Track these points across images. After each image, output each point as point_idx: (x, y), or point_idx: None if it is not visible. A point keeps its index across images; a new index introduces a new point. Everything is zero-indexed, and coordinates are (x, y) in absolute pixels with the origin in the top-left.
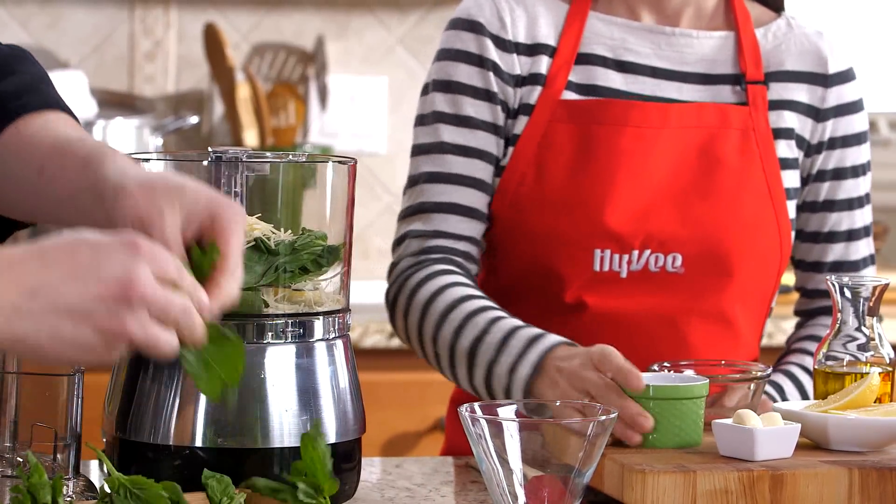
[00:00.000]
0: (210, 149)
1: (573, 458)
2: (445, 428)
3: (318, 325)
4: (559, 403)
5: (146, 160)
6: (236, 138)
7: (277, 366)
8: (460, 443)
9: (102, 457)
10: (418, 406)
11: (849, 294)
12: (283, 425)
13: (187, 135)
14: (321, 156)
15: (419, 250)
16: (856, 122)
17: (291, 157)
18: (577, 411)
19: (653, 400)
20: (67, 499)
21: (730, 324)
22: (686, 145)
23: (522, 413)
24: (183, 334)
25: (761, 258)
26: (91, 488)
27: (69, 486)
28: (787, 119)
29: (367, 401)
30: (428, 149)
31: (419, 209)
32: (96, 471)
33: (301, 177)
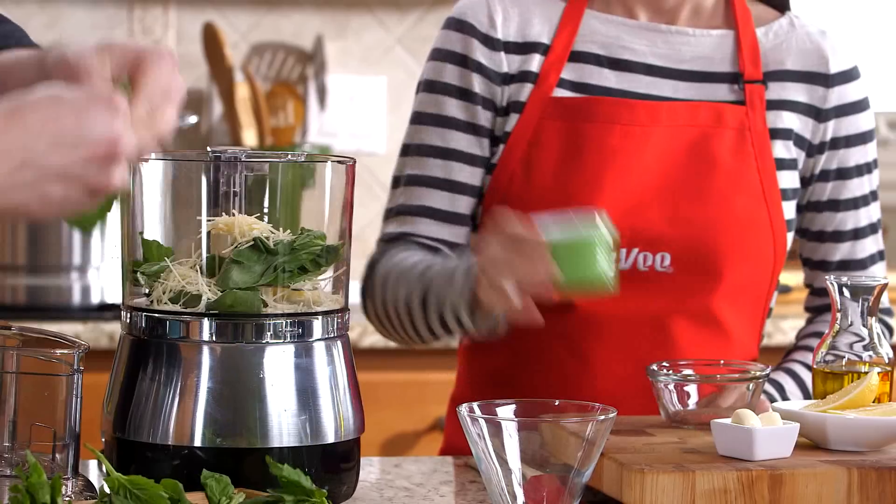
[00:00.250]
0: (209, 148)
1: (572, 457)
2: (445, 427)
3: (317, 324)
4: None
5: (145, 160)
6: (235, 138)
7: (276, 365)
8: (459, 442)
9: (101, 457)
10: (417, 406)
11: (847, 294)
12: (282, 425)
13: (186, 134)
14: (320, 155)
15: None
16: (860, 122)
17: (290, 156)
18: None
19: (554, 247)
20: (66, 498)
21: (719, 325)
22: (678, 144)
23: (521, 413)
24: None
25: (753, 259)
26: (90, 488)
27: (68, 486)
28: (786, 119)
29: (366, 400)
30: (410, 150)
31: (398, 212)
32: (95, 471)
33: (300, 176)
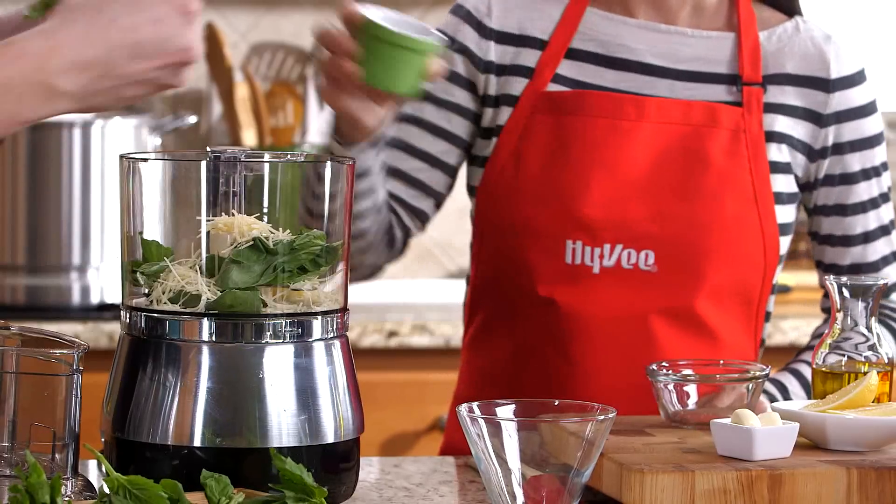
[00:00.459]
0: (208, 148)
1: (571, 457)
2: (445, 427)
3: (317, 324)
4: None
5: (144, 160)
6: (235, 138)
7: (276, 365)
8: (459, 442)
9: (101, 458)
10: (417, 406)
11: (848, 294)
12: (282, 425)
13: (186, 134)
14: (319, 155)
15: None
16: (865, 126)
17: (290, 156)
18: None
19: (369, 38)
20: (66, 498)
21: (704, 326)
22: (668, 141)
23: (521, 413)
24: None
25: (740, 261)
26: (89, 488)
27: (67, 486)
28: (782, 123)
29: (366, 400)
30: (398, 117)
31: None
32: (94, 471)
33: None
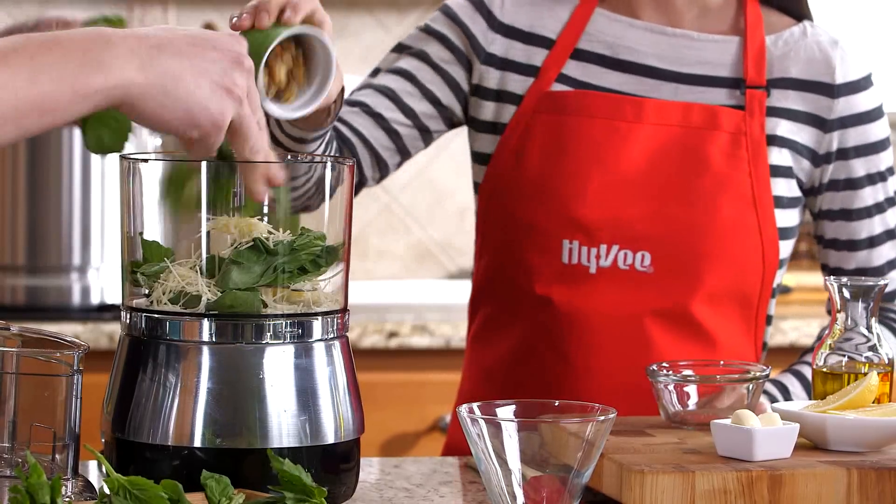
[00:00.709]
0: None
1: (572, 458)
2: (449, 427)
3: (317, 325)
4: None
5: (145, 160)
6: None
7: (276, 366)
8: (462, 441)
9: (101, 458)
10: (417, 406)
11: (847, 294)
12: (282, 425)
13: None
14: (319, 156)
15: None
16: (871, 131)
17: (290, 156)
18: None
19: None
20: (66, 499)
21: (700, 329)
22: (666, 143)
23: (521, 413)
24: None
25: (737, 265)
26: (90, 489)
27: (68, 487)
28: (785, 127)
29: (366, 401)
30: (380, 70)
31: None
32: (95, 471)
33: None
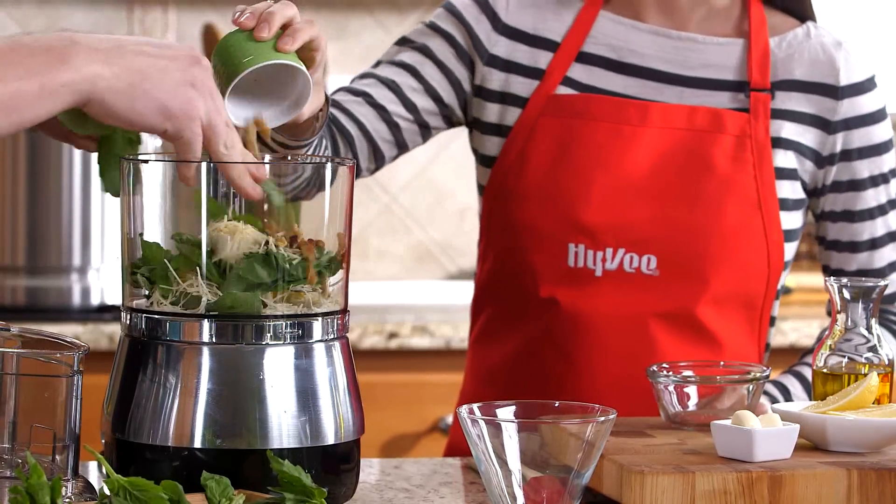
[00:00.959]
0: None
1: (572, 459)
2: (451, 426)
3: (317, 326)
4: None
5: (145, 161)
6: None
7: (276, 367)
8: (464, 441)
9: (101, 459)
10: (417, 407)
11: (848, 295)
12: (282, 426)
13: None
14: (320, 157)
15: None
16: (873, 133)
17: (290, 157)
18: None
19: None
20: (66, 500)
21: (706, 331)
22: (671, 146)
23: (521, 414)
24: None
25: (742, 267)
26: (90, 489)
27: (68, 488)
28: (789, 129)
29: (366, 402)
30: (382, 62)
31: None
32: (95, 472)
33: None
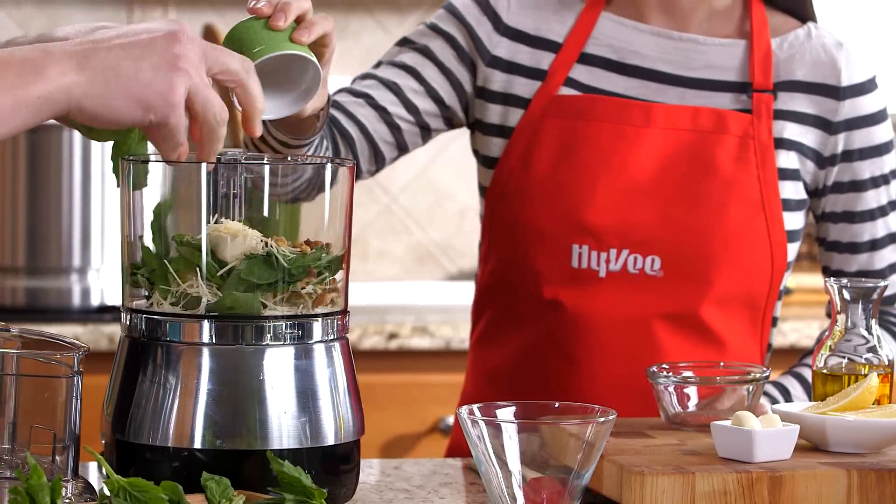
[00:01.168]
0: None
1: (572, 459)
2: (452, 427)
3: (317, 326)
4: None
5: (145, 162)
6: (235, 140)
7: (276, 367)
8: (465, 443)
9: (101, 460)
10: (417, 408)
11: (848, 296)
12: (282, 427)
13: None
14: (320, 157)
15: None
16: (874, 134)
17: (290, 158)
18: None
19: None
20: (66, 500)
21: (709, 332)
22: (675, 147)
23: (521, 415)
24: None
25: (746, 268)
26: (90, 490)
27: (68, 488)
28: (792, 130)
29: (366, 402)
30: (383, 63)
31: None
32: (95, 473)
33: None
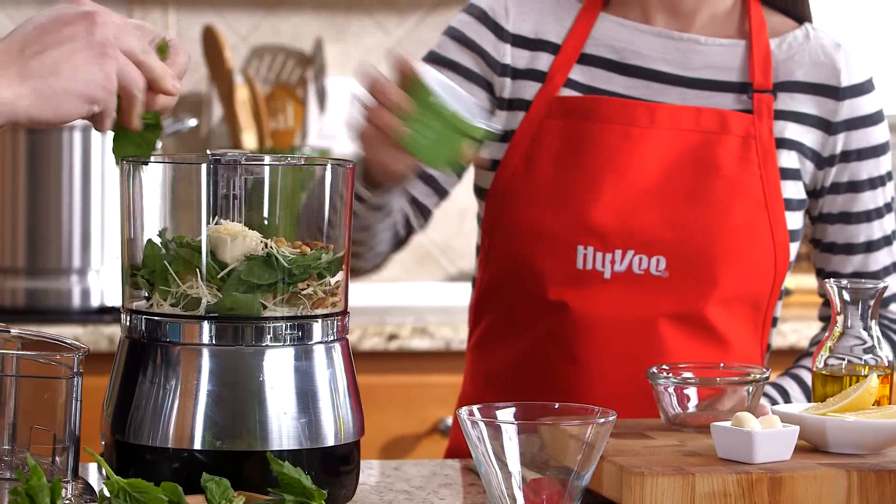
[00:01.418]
0: (208, 151)
1: (572, 460)
2: (451, 429)
3: (317, 327)
4: None
5: (145, 163)
6: (235, 141)
7: (276, 368)
8: (464, 445)
9: (101, 461)
10: (417, 408)
11: (847, 297)
12: (282, 428)
13: (186, 137)
14: (320, 158)
15: None
16: (872, 135)
17: (290, 159)
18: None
19: (421, 103)
20: (66, 501)
21: (714, 332)
22: (679, 148)
23: (521, 416)
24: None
25: (750, 267)
26: (89, 491)
27: (67, 489)
28: (793, 130)
29: (366, 403)
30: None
31: None
32: (95, 474)
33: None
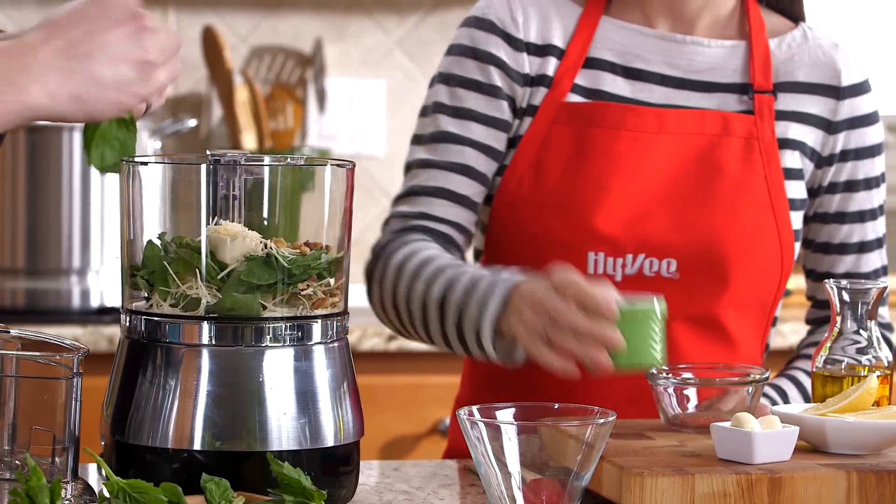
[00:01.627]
0: (208, 152)
1: (571, 461)
2: (449, 430)
3: (317, 328)
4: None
5: (145, 163)
6: (234, 141)
7: (276, 369)
8: (463, 445)
9: (100, 461)
10: (416, 409)
11: (847, 298)
12: (282, 428)
13: (185, 138)
14: (319, 159)
15: (400, 229)
16: (869, 135)
17: (290, 160)
18: (543, 341)
19: (624, 323)
20: (66, 502)
21: (724, 332)
22: (685, 151)
23: (521, 416)
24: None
25: (759, 267)
26: (89, 491)
27: (67, 490)
28: (795, 130)
29: (366, 404)
30: (425, 138)
31: (408, 192)
32: (94, 474)
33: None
